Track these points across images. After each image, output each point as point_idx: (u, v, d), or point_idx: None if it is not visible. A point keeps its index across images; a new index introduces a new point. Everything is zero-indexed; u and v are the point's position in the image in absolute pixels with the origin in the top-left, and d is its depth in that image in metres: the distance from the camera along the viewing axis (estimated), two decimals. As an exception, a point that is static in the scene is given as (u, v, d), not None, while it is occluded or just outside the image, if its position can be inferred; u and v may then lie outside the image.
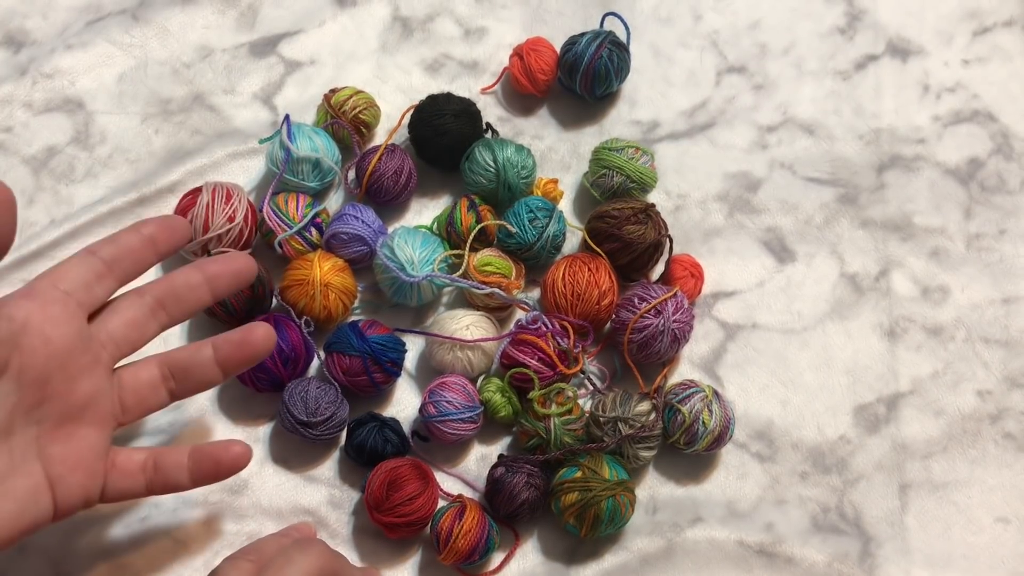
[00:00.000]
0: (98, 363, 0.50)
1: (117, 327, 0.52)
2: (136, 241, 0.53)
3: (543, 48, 0.72)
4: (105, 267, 0.51)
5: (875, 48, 0.75)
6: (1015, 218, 0.71)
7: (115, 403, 0.52)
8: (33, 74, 0.73)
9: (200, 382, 0.54)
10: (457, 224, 0.66)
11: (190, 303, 0.54)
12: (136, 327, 0.52)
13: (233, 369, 0.54)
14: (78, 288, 0.50)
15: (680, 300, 0.63)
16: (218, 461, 0.53)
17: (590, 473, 0.59)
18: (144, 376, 0.53)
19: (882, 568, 0.61)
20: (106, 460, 0.51)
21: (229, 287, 0.55)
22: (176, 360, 0.54)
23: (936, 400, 0.66)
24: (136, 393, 0.52)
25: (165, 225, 0.55)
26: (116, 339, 0.51)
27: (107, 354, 0.51)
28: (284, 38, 0.75)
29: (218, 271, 0.54)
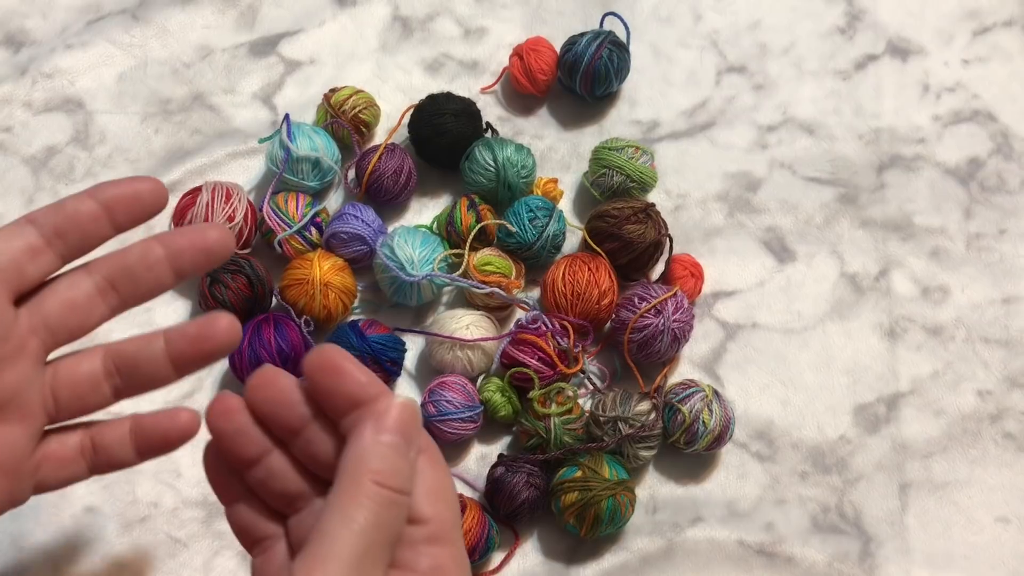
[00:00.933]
0: (22, 354, 0.42)
1: (53, 310, 0.43)
2: (88, 209, 0.43)
3: (543, 48, 0.72)
4: (43, 240, 0.42)
5: (875, 48, 0.75)
6: (1015, 218, 0.70)
7: (46, 397, 0.44)
8: (33, 74, 0.73)
9: (149, 380, 0.44)
10: (457, 224, 0.66)
11: (147, 284, 0.44)
12: (78, 311, 0.43)
13: (187, 367, 0.44)
14: (4, 264, 0.41)
15: (680, 300, 0.63)
16: (166, 433, 0.45)
17: (590, 473, 0.59)
18: (84, 369, 0.44)
19: (882, 568, 0.61)
20: (33, 458, 0.44)
21: (196, 265, 0.44)
22: (123, 353, 0.44)
23: (936, 400, 0.66)
24: (73, 388, 0.44)
25: (128, 189, 0.44)
26: (51, 325, 0.43)
27: (37, 341, 0.43)
28: (284, 38, 0.75)
29: (184, 245, 0.43)
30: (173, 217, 0.65)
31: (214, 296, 0.63)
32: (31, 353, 0.43)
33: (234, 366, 0.62)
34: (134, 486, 0.62)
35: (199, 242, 0.44)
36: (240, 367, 0.62)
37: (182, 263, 0.44)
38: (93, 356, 0.45)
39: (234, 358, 0.62)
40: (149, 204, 0.44)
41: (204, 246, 0.44)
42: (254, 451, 0.39)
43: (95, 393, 0.45)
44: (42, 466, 0.45)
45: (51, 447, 0.45)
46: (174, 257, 0.44)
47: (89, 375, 0.44)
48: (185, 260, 0.44)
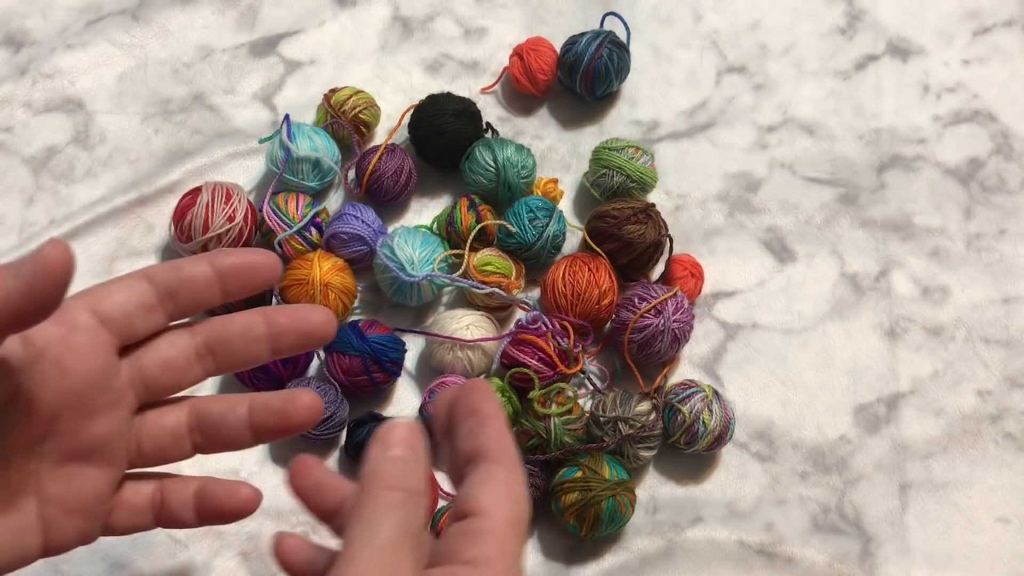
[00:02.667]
0: (119, 405, 0.44)
1: (152, 367, 0.44)
2: (203, 274, 0.44)
3: (543, 48, 0.72)
4: (157, 298, 0.43)
5: (875, 48, 0.75)
6: (1015, 218, 0.70)
7: (131, 447, 0.45)
8: (33, 74, 0.73)
9: (228, 443, 0.46)
10: (457, 224, 0.66)
11: (244, 356, 0.45)
12: (175, 372, 0.45)
13: (267, 437, 0.46)
14: (117, 317, 0.43)
15: (680, 300, 0.63)
16: (222, 506, 0.47)
17: (590, 473, 0.59)
18: (170, 422, 0.46)
19: (882, 568, 0.61)
20: (110, 503, 0.46)
21: (294, 347, 0.45)
22: (208, 413, 0.46)
23: (936, 400, 0.66)
24: (157, 440, 0.46)
25: (244, 261, 0.44)
26: (148, 381, 0.44)
27: (133, 396, 0.44)
28: (284, 38, 0.75)
29: (286, 326, 0.45)
30: (173, 217, 0.65)
31: (214, 296, 0.63)
32: (126, 406, 0.44)
33: (234, 366, 0.62)
34: (134, 486, 0.62)
35: (302, 325, 0.45)
36: (240, 367, 0.62)
37: (280, 343, 0.45)
38: (179, 410, 0.46)
39: None
40: (262, 277, 0.45)
41: (306, 330, 0.45)
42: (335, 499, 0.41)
43: (176, 446, 0.46)
44: (115, 511, 0.46)
45: (126, 494, 0.46)
46: (275, 337, 0.45)
47: (174, 429, 0.46)
48: (283, 341, 0.45)
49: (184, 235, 0.64)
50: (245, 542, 0.61)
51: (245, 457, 0.63)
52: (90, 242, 0.68)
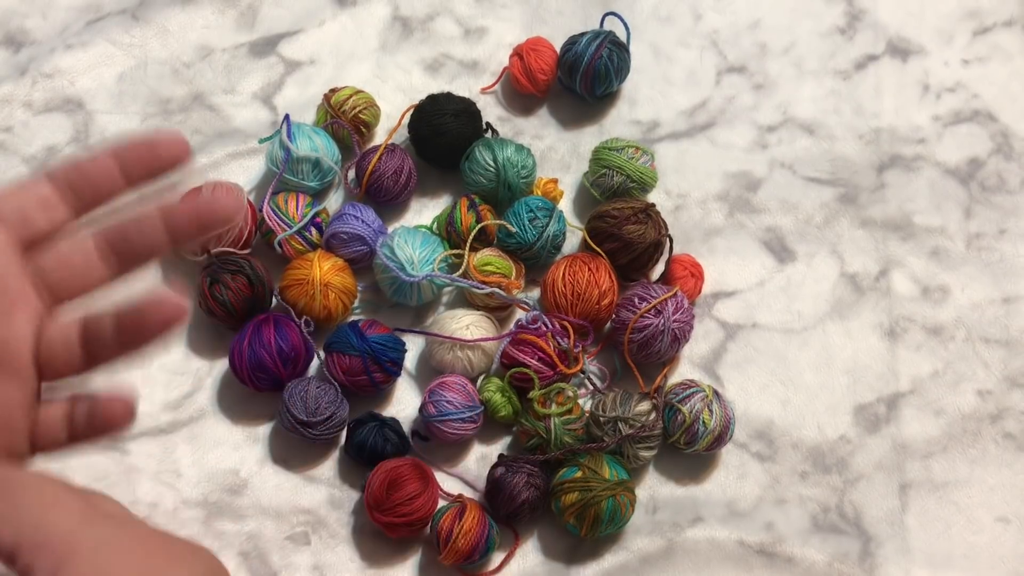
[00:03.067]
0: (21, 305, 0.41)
1: (55, 270, 0.42)
2: (101, 160, 0.42)
3: (543, 48, 0.72)
4: (56, 194, 0.42)
5: (875, 48, 0.75)
6: (1015, 218, 0.70)
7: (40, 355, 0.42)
8: (33, 74, 0.73)
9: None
10: (457, 224, 0.66)
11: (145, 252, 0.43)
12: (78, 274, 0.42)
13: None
14: (13, 216, 0.41)
15: (680, 300, 0.63)
16: (97, 416, 0.43)
17: (590, 473, 0.59)
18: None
19: (882, 568, 0.61)
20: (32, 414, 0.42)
21: (190, 226, 0.42)
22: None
23: (936, 400, 0.66)
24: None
25: (143, 138, 0.42)
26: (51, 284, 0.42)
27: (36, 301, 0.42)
28: (284, 38, 0.75)
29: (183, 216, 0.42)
30: (173, 217, 0.65)
31: (214, 296, 0.63)
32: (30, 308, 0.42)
33: (234, 366, 0.62)
34: (134, 486, 0.62)
35: (198, 204, 0.42)
36: (240, 368, 0.62)
37: (176, 224, 0.42)
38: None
39: (234, 359, 0.62)
40: (166, 157, 0.42)
41: (202, 208, 0.42)
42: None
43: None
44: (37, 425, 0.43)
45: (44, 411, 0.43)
46: (168, 217, 0.42)
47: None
48: (178, 221, 0.42)
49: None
50: (245, 542, 0.61)
51: (245, 457, 0.63)
52: (90, 242, 0.68)
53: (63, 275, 0.42)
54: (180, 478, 0.63)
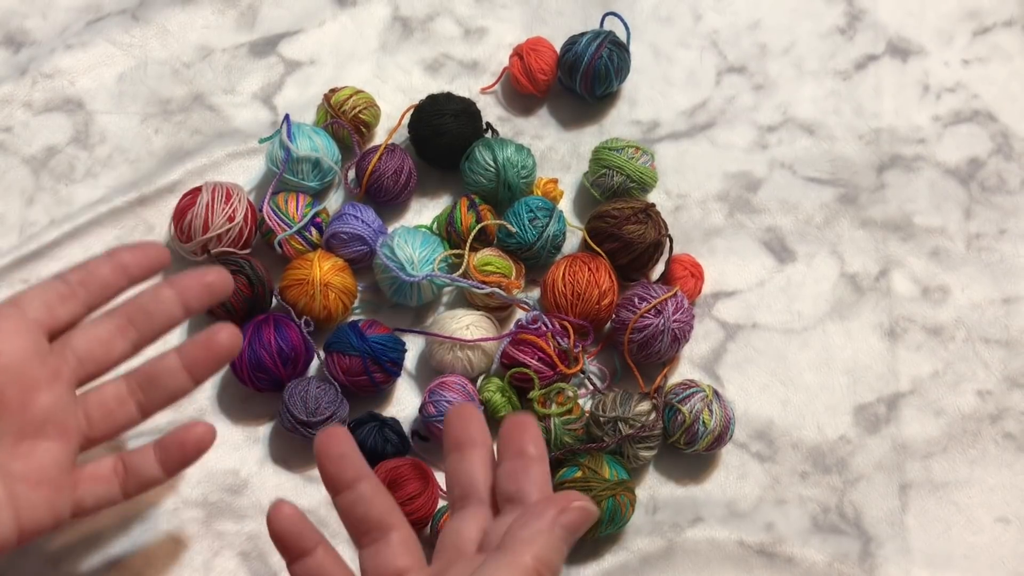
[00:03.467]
0: (58, 378, 0.50)
1: (81, 344, 0.52)
2: (106, 267, 0.53)
3: (543, 48, 0.72)
4: (70, 290, 0.52)
5: (875, 48, 0.75)
6: (1015, 218, 0.71)
7: (80, 419, 0.51)
8: (33, 74, 0.73)
9: (169, 391, 0.53)
10: (457, 224, 0.66)
11: (161, 318, 0.53)
12: (102, 344, 0.52)
13: (201, 373, 0.53)
14: (38, 307, 0.51)
15: (680, 300, 0.63)
16: (183, 445, 0.53)
17: (590, 473, 0.59)
18: (110, 392, 0.53)
19: (882, 568, 0.61)
20: (72, 475, 0.51)
21: (201, 301, 0.54)
22: (142, 371, 0.53)
23: (936, 400, 0.66)
24: (102, 407, 0.52)
25: (138, 252, 0.54)
26: (80, 356, 0.51)
27: (69, 370, 0.51)
28: (284, 38, 0.75)
29: (188, 285, 0.53)
30: (173, 217, 0.65)
31: (214, 296, 0.63)
32: (65, 379, 0.51)
33: (234, 366, 0.62)
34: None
35: (202, 282, 0.53)
36: (240, 368, 0.62)
37: (189, 299, 0.53)
38: (117, 381, 0.53)
39: (234, 359, 0.62)
40: (155, 261, 0.55)
41: (206, 283, 0.53)
42: (352, 475, 0.45)
43: (123, 410, 0.52)
44: (80, 486, 0.51)
45: (87, 469, 0.52)
46: (182, 293, 0.53)
47: (115, 395, 0.53)
48: (191, 296, 0.53)
49: (184, 235, 0.64)
50: (245, 542, 0.61)
51: (245, 458, 0.63)
52: (90, 242, 0.68)
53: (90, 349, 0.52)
54: (180, 478, 0.63)
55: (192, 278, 0.53)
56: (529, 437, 0.43)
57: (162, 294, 0.53)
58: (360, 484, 0.44)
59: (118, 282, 0.53)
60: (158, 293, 0.53)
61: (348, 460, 0.45)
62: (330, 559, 0.45)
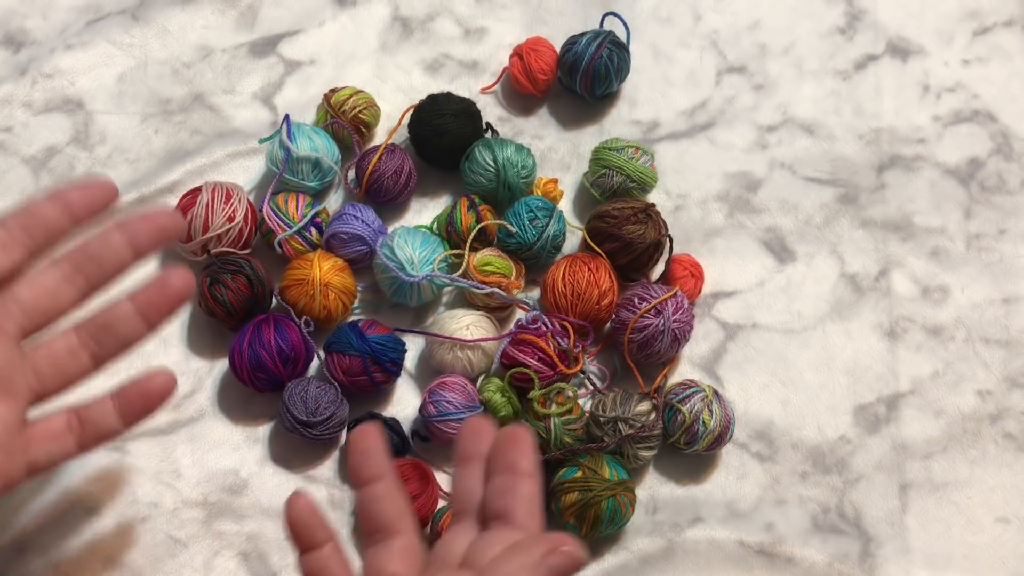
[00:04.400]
0: (1, 333, 0.47)
1: (25, 295, 0.48)
2: (50, 209, 0.49)
3: (543, 48, 0.72)
4: (9, 236, 0.48)
5: (875, 48, 0.75)
6: (1015, 218, 0.70)
7: (28, 375, 0.48)
8: (33, 74, 0.73)
9: (123, 338, 0.50)
10: (457, 224, 0.66)
11: (110, 263, 0.49)
12: (48, 293, 0.49)
13: (155, 318, 0.50)
14: None
15: (680, 300, 0.63)
16: (146, 393, 0.50)
17: (590, 473, 0.59)
18: (60, 344, 0.50)
19: (882, 568, 0.61)
20: (23, 434, 0.48)
21: (152, 243, 0.50)
22: (93, 321, 0.50)
23: (936, 400, 0.66)
24: (52, 360, 0.49)
25: (85, 190, 0.50)
26: (25, 308, 0.48)
27: (13, 324, 0.48)
28: (284, 38, 0.75)
29: (138, 227, 0.50)
30: (173, 217, 0.65)
31: (214, 296, 0.63)
32: (8, 334, 0.47)
33: (234, 366, 0.62)
34: (134, 486, 0.62)
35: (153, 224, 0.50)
36: (240, 368, 0.62)
37: (139, 242, 0.50)
38: (67, 332, 0.50)
39: (234, 359, 0.62)
40: (103, 198, 0.50)
41: (157, 226, 0.50)
42: (373, 472, 0.44)
43: (74, 362, 0.50)
44: (32, 444, 0.48)
45: (39, 427, 0.49)
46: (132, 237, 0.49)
47: (66, 347, 0.50)
48: (142, 240, 0.50)
49: (184, 235, 0.64)
50: (245, 542, 0.61)
51: (245, 458, 0.63)
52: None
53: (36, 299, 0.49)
54: (180, 478, 0.63)
55: (143, 220, 0.50)
56: (522, 452, 0.43)
57: (111, 238, 0.49)
58: (378, 483, 0.44)
59: (62, 225, 0.49)
60: (107, 237, 0.49)
61: (372, 457, 0.44)
62: (337, 557, 0.45)
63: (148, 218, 0.50)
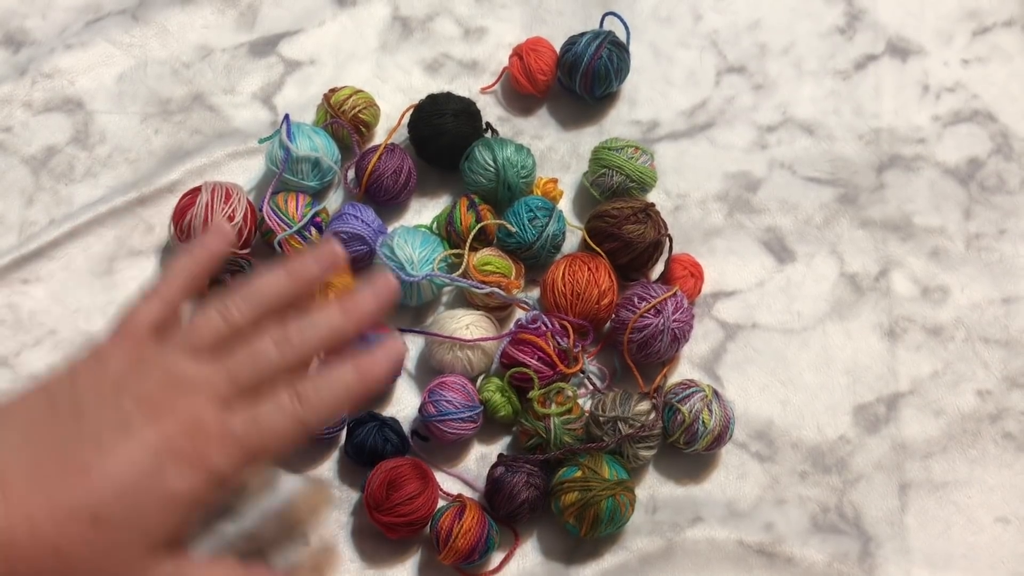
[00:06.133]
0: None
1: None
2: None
3: (543, 48, 0.72)
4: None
5: (875, 48, 0.75)
6: (1015, 218, 0.71)
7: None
8: (33, 74, 0.73)
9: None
10: (457, 224, 0.66)
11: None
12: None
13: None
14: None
15: (680, 300, 0.63)
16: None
17: (590, 473, 0.59)
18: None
19: (882, 568, 0.61)
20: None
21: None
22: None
23: (936, 400, 0.66)
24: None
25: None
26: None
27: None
28: (284, 38, 0.75)
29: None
30: (173, 217, 0.65)
31: (214, 296, 0.63)
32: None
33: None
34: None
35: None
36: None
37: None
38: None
39: None
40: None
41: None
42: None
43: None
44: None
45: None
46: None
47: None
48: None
49: (184, 235, 0.64)
50: (245, 542, 0.61)
51: (245, 457, 0.63)
52: (90, 242, 0.68)
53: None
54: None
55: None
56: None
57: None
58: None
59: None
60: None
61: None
62: None
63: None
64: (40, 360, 0.65)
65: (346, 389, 0.47)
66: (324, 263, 0.50)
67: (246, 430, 0.45)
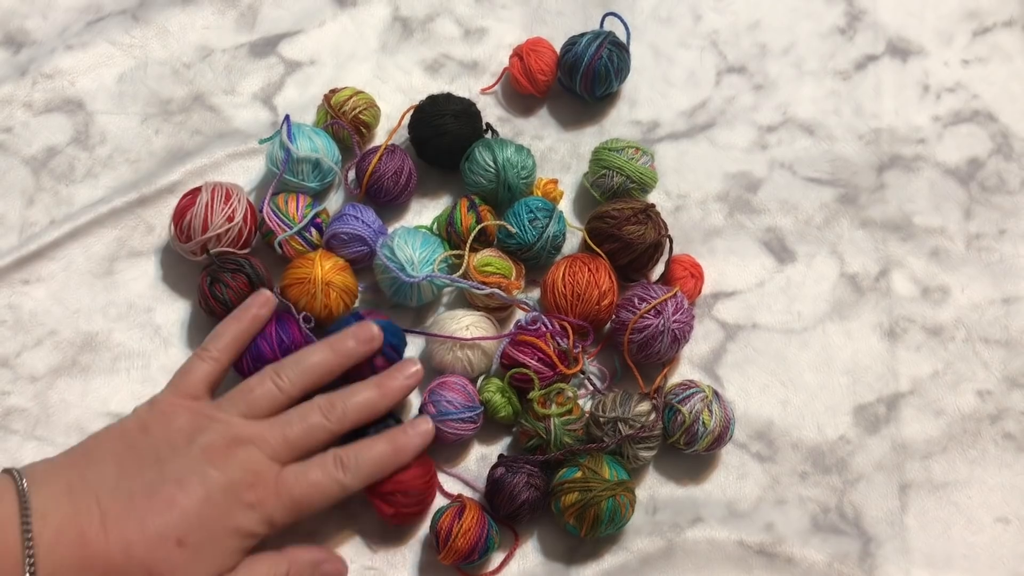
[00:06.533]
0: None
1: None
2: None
3: (543, 48, 0.72)
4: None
5: (875, 48, 0.75)
6: (1015, 218, 0.71)
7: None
8: (33, 74, 0.73)
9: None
10: (457, 224, 0.66)
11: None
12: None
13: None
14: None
15: (680, 300, 0.63)
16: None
17: (590, 473, 0.59)
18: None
19: (882, 568, 0.61)
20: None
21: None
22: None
23: (936, 400, 0.66)
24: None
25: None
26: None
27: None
28: (284, 38, 0.75)
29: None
30: (173, 217, 0.65)
31: (215, 295, 0.63)
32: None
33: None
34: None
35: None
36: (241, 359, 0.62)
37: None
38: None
39: None
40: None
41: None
42: None
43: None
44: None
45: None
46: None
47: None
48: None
49: (184, 235, 0.64)
50: (245, 542, 0.61)
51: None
52: (90, 242, 0.68)
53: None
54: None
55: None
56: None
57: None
58: None
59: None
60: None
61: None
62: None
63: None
64: (40, 360, 0.65)
65: (382, 459, 0.57)
66: (363, 341, 0.60)
67: (298, 487, 0.55)
